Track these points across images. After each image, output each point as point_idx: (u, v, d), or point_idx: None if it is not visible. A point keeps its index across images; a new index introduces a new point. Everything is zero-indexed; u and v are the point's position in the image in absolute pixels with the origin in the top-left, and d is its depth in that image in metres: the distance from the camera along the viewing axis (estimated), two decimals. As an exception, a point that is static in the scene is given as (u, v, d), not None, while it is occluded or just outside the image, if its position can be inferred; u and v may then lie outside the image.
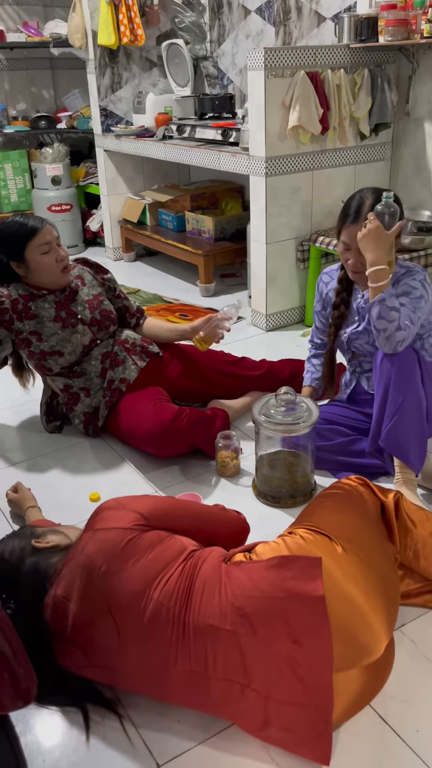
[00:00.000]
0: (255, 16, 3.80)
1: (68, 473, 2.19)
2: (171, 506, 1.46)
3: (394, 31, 2.73)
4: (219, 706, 1.24)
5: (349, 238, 1.88)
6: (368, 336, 2.02)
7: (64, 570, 1.32)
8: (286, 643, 1.19)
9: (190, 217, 3.95)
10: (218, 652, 1.21)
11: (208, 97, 3.77)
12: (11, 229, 2.13)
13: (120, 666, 1.27)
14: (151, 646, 1.24)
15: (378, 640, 1.26)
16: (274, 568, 1.26)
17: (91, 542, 1.32)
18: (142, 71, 4.29)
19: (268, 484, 1.99)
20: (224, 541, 1.48)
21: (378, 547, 1.40)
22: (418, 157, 3.19)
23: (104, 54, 4.10)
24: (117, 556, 1.29)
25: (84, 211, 4.92)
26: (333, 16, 3.29)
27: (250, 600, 1.22)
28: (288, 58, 2.81)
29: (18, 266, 2.17)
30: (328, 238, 3.01)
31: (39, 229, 2.12)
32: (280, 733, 1.21)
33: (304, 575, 1.23)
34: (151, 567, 1.28)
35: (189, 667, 1.22)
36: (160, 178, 4.54)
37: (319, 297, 2.18)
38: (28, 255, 2.14)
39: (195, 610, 1.23)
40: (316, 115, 2.90)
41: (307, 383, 2.25)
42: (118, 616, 1.25)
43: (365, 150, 3.22)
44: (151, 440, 2.10)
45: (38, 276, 2.19)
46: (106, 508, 1.41)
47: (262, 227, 3.05)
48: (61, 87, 5.32)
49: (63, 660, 1.30)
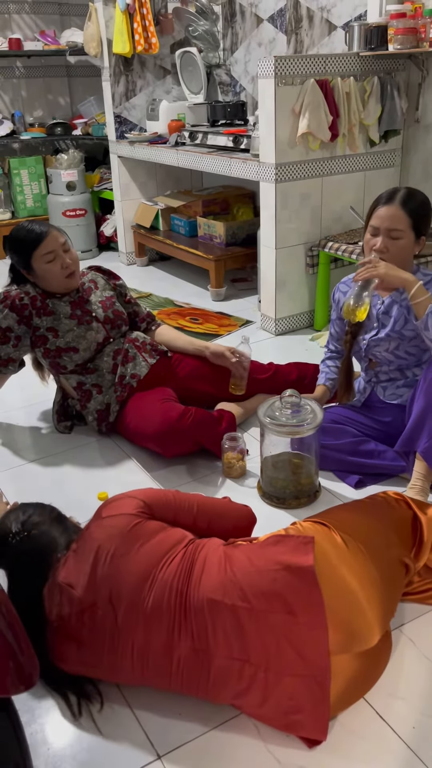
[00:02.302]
0: (267, 25, 3.84)
1: (77, 473, 2.23)
2: (173, 496, 1.50)
3: (403, 39, 2.76)
4: (219, 686, 1.28)
5: (379, 219, 1.91)
6: (388, 343, 2.03)
7: (70, 558, 1.36)
8: (281, 614, 1.24)
9: (202, 223, 3.99)
10: (218, 625, 1.25)
11: (220, 104, 3.82)
12: (19, 237, 2.21)
13: (120, 660, 1.30)
14: (156, 626, 1.28)
15: (370, 628, 1.29)
16: (269, 545, 1.34)
17: (98, 528, 1.37)
18: (156, 79, 4.36)
19: (272, 485, 2.02)
20: (231, 531, 1.52)
21: (383, 546, 1.43)
22: (427, 164, 3.21)
23: (119, 62, 4.17)
24: (125, 539, 1.34)
25: (98, 216, 4.99)
26: (344, 25, 3.33)
27: (247, 576, 1.28)
28: (298, 66, 2.85)
29: (27, 273, 2.26)
30: (337, 244, 3.03)
31: (43, 239, 2.17)
32: (278, 706, 1.24)
33: (297, 550, 1.30)
34: (156, 550, 1.33)
35: (192, 642, 1.26)
36: (173, 183, 4.59)
37: (335, 306, 2.19)
38: (34, 263, 2.21)
39: (196, 585, 1.28)
40: (325, 123, 2.93)
41: (321, 382, 2.27)
42: (120, 605, 1.29)
43: (375, 157, 3.24)
44: (157, 439, 2.14)
45: (46, 282, 2.26)
46: (111, 500, 1.46)
47: (272, 233, 3.09)
48: (76, 94, 5.40)
49: (55, 655, 1.33)
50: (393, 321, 2.00)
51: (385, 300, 2.02)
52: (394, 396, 2.10)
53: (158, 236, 4.22)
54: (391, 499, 1.59)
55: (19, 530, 1.39)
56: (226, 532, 1.51)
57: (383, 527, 1.47)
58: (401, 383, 2.09)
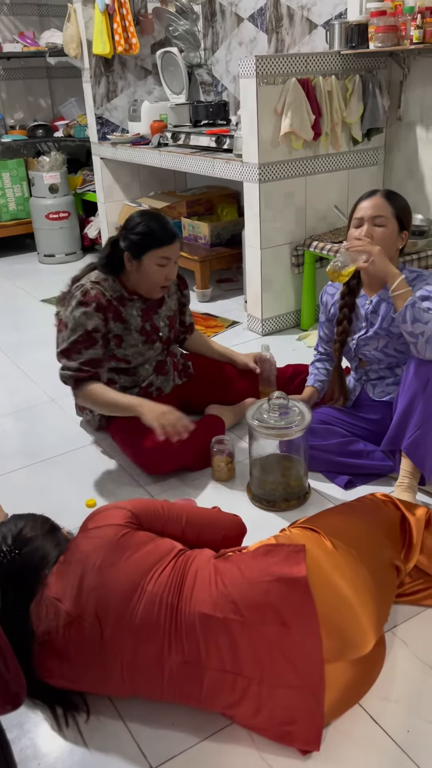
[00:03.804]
0: (248, 24, 3.83)
1: (65, 479, 2.21)
2: (162, 507, 1.48)
3: (384, 37, 2.76)
4: (211, 698, 1.26)
5: (363, 209, 1.92)
6: (377, 342, 2.03)
7: (57, 571, 1.34)
8: (274, 626, 1.23)
9: (187, 223, 3.97)
10: (210, 640, 1.24)
11: (202, 105, 3.80)
12: (151, 227, 2.04)
13: (108, 672, 1.28)
14: (145, 639, 1.26)
15: (365, 635, 1.28)
16: (260, 556, 1.32)
17: (85, 540, 1.35)
18: (137, 79, 4.33)
19: (262, 487, 2.01)
20: (221, 541, 1.51)
21: (374, 550, 1.42)
22: (410, 161, 3.21)
23: (99, 63, 4.14)
24: (112, 550, 1.32)
25: (81, 218, 4.95)
26: (324, 23, 3.32)
27: (238, 588, 1.26)
28: (279, 65, 2.84)
29: (129, 260, 2.07)
30: (322, 243, 3.03)
31: (173, 242, 2.06)
32: (272, 717, 1.23)
33: (288, 560, 1.28)
34: (144, 561, 1.31)
35: (183, 657, 1.24)
36: (157, 184, 4.57)
37: (323, 309, 2.19)
38: (147, 259, 2.05)
39: (187, 600, 1.26)
40: (308, 122, 2.92)
41: (310, 383, 2.26)
42: (107, 617, 1.27)
43: (358, 155, 3.24)
44: (138, 460, 2.13)
45: (139, 280, 2.11)
46: (99, 511, 1.44)
47: (256, 233, 3.08)
48: (57, 96, 5.36)
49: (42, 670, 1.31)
50: (381, 319, 2.00)
51: (373, 299, 2.01)
52: (384, 393, 2.10)
53: (143, 238, 4.19)
54: (378, 500, 1.58)
55: (9, 549, 1.34)
56: (215, 543, 1.49)
57: (373, 530, 1.46)
58: (390, 381, 2.09)
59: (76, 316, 2.04)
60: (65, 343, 2.05)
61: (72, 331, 2.03)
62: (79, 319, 2.03)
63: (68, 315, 2.06)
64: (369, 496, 1.61)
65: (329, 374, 2.24)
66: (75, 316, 2.04)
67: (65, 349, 2.05)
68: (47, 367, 3.05)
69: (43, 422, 2.58)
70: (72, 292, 2.11)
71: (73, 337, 2.03)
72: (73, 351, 2.04)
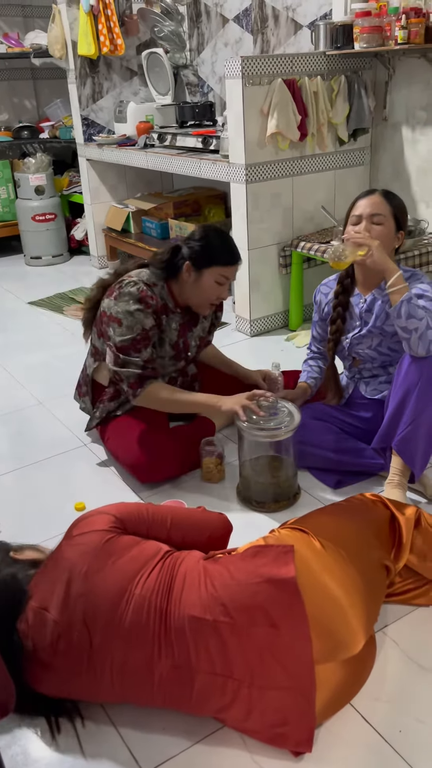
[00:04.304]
0: (233, 25, 3.83)
1: (54, 482, 2.19)
2: (146, 509, 1.47)
3: (369, 37, 2.77)
4: (202, 702, 1.26)
5: (361, 207, 1.93)
6: (371, 340, 2.04)
7: (42, 581, 1.32)
8: (264, 628, 1.22)
9: (174, 225, 3.96)
10: (200, 643, 1.23)
11: (188, 105, 3.79)
12: (215, 243, 2.02)
13: (98, 679, 1.26)
14: (135, 644, 1.25)
15: (355, 635, 1.27)
16: (249, 557, 1.31)
17: (70, 548, 1.33)
18: (123, 80, 4.32)
19: (252, 489, 2.01)
20: (206, 541, 1.50)
21: (363, 550, 1.42)
22: (396, 162, 3.22)
23: (85, 64, 4.12)
24: (98, 555, 1.30)
25: (68, 220, 4.93)
26: (309, 24, 3.33)
27: (228, 590, 1.25)
28: (265, 66, 2.84)
29: (189, 270, 2.02)
30: (310, 243, 3.03)
31: (235, 263, 2.05)
32: (263, 719, 1.23)
33: (277, 561, 1.28)
34: (131, 564, 1.30)
35: (173, 661, 1.23)
36: (143, 186, 4.56)
37: (317, 308, 2.19)
38: (207, 273, 2.02)
39: (176, 603, 1.25)
40: (294, 122, 2.92)
41: (303, 380, 2.26)
42: (95, 624, 1.25)
43: (344, 155, 3.25)
44: (131, 469, 2.11)
45: (193, 293, 2.06)
46: (83, 517, 1.42)
47: (243, 233, 3.07)
48: (43, 97, 5.34)
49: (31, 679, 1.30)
50: (375, 317, 2.01)
51: (367, 298, 2.02)
52: (376, 392, 2.11)
53: (130, 239, 4.19)
54: (368, 500, 1.58)
55: None
56: (201, 542, 1.48)
57: (363, 530, 1.46)
58: (383, 379, 2.10)
59: (133, 312, 1.96)
60: (124, 341, 1.95)
61: (129, 329, 1.95)
62: (137, 317, 1.96)
63: (122, 311, 1.96)
64: (358, 496, 1.61)
65: (322, 372, 2.24)
66: (132, 312, 1.96)
67: (125, 347, 1.96)
68: (35, 370, 3.04)
69: (31, 426, 2.56)
70: (123, 286, 2.00)
71: (131, 335, 1.95)
72: (133, 349, 1.96)
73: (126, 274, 2.10)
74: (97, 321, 2.14)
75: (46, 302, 3.95)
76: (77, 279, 4.41)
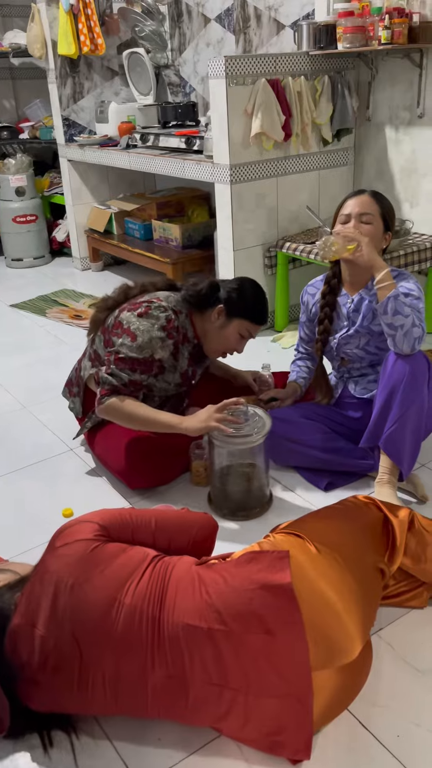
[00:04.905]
0: (215, 25, 3.81)
1: (40, 488, 2.15)
2: (130, 514, 1.43)
3: (352, 37, 2.77)
4: (197, 712, 1.23)
5: (350, 206, 1.93)
6: (358, 340, 2.03)
7: (25, 598, 1.27)
8: (260, 635, 1.20)
9: (157, 226, 3.94)
10: (194, 651, 1.20)
11: (170, 106, 3.77)
12: (254, 299, 2.04)
13: (90, 693, 1.23)
14: (127, 655, 1.22)
15: (352, 641, 1.26)
16: (243, 564, 1.29)
17: (54, 560, 1.29)
18: (104, 80, 4.28)
19: (223, 496, 1.97)
20: (192, 542, 1.47)
21: (358, 554, 1.40)
22: (380, 162, 3.23)
23: (65, 64, 4.08)
24: (84, 566, 1.27)
25: (49, 221, 4.88)
26: (292, 24, 3.32)
27: (222, 597, 1.23)
28: (249, 65, 2.82)
29: (220, 313, 2.00)
30: (295, 244, 3.02)
31: (263, 323, 2.07)
32: (260, 728, 1.21)
33: (273, 567, 1.26)
34: (118, 573, 1.27)
35: (167, 671, 1.21)
36: (126, 186, 4.52)
37: (304, 309, 2.18)
38: (235, 323, 2.02)
39: (170, 611, 1.23)
40: (278, 122, 2.91)
41: (293, 379, 2.25)
42: (84, 637, 1.22)
43: (328, 156, 3.25)
44: (120, 475, 2.08)
45: (213, 335, 2.04)
46: (65, 527, 1.38)
47: (228, 234, 3.06)
48: (22, 97, 5.27)
49: (21, 695, 1.26)
50: (362, 317, 2.00)
51: (354, 298, 2.01)
52: (365, 391, 2.10)
53: (113, 240, 4.15)
54: (360, 502, 1.56)
55: None
56: (187, 543, 1.46)
57: (357, 533, 1.45)
58: (372, 378, 2.10)
59: (152, 336, 1.91)
60: (125, 354, 1.92)
61: (140, 349, 1.91)
62: (153, 343, 1.92)
63: (143, 330, 1.91)
64: (351, 498, 1.59)
65: (311, 372, 2.24)
66: (151, 336, 1.91)
67: (124, 361, 1.92)
68: (18, 373, 2.99)
69: (15, 430, 2.52)
70: (153, 308, 1.95)
71: (137, 355, 1.91)
72: (130, 367, 1.92)
73: (154, 292, 2.06)
74: (106, 329, 2.08)
75: (28, 305, 3.90)
76: (59, 281, 4.36)
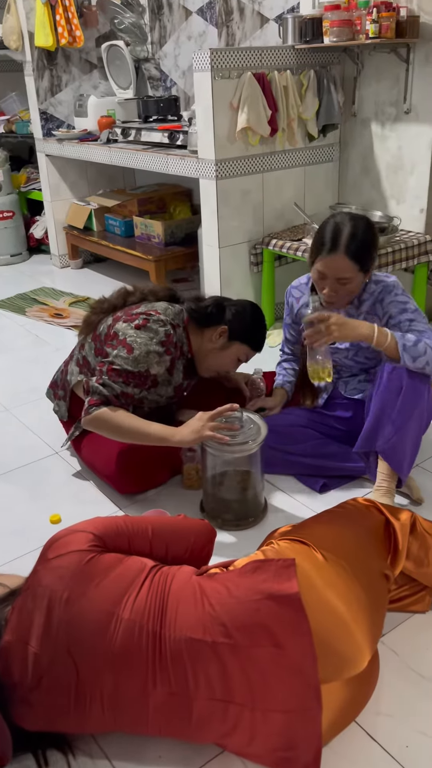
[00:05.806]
0: (196, 17, 3.75)
1: (26, 494, 2.08)
2: (125, 522, 1.37)
3: (338, 31, 2.73)
4: (201, 729, 1.18)
5: (326, 267, 1.83)
6: (346, 352, 2.00)
7: (16, 614, 1.21)
8: (267, 648, 1.15)
9: (139, 222, 3.86)
10: (198, 667, 1.15)
11: (152, 100, 3.70)
12: (257, 328, 2.02)
13: (88, 710, 1.17)
14: (127, 672, 1.16)
15: (360, 651, 1.22)
16: (248, 573, 1.24)
17: (47, 573, 1.23)
18: (82, 73, 4.19)
19: (216, 504, 1.91)
20: (190, 550, 1.42)
21: (364, 560, 1.36)
22: (365, 158, 3.20)
23: (42, 56, 3.98)
24: (79, 578, 1.20)
25: (27, 218, 4.78)
26: (276, 17, 3.27)
27: (227, 608, 1.18)
28: (234, 59, 2.77)
29: (223, 334, 1.97)
30: (281, 241, 2.98)
31: (257, 352, 2.05)
32: (267, 743, 1.16)
33: (279, 577, 1.21)
34: (115, 586, 1.21)
35: (169, 689, 1.15)
36: (105, 182, 4.44)
37: (288, 311, 2.14)
38: (235, 347, 1.99)
39: (171, 625, 1.17)
40: (264, 117, 2.86)
41: (279, 384, 2.22)
42: (81, 653, 1.16)
43: (314, 151, 3.21)
44: (109, 480, 2.02)
45: (209, 355, 2.00)
46: (57, 537, 1.31)
47: (214, 231, 3.00)
48: (-3, 90, 5.14)
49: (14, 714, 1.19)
50: None
51: (341, 312, 1.96)
52: (356, 391, 2.07)
53: (93, 237, 4.07)
54: (361, 506, 1.52)
55: None
56: (185, 550, 1.41)
57: (361, 539, 1.40)
58: (362, 378, 2.07)
59: (149, 350, 1.85)
60: (120, 366, 1.84)
61: (135, 362, 1.84)
62: (150, 357, 1.86)
63: (140, 343, 1.85)
64: (351, 502, 1.55)
65: (297, 374, 2.20)
66: (148, 350, 1.85)
67: (116, 371, 1.84)
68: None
69: (-2, 433, 2.44)
70: (151, 322, 1.89)
71: (132, 368, 1.84)
72: (124, 379, 1.84)
73: (153, 303, 1.99)
74: (98, 337, 2.01)
75: (6, 303, 3.80)
76: (37, 279, 4.26)
